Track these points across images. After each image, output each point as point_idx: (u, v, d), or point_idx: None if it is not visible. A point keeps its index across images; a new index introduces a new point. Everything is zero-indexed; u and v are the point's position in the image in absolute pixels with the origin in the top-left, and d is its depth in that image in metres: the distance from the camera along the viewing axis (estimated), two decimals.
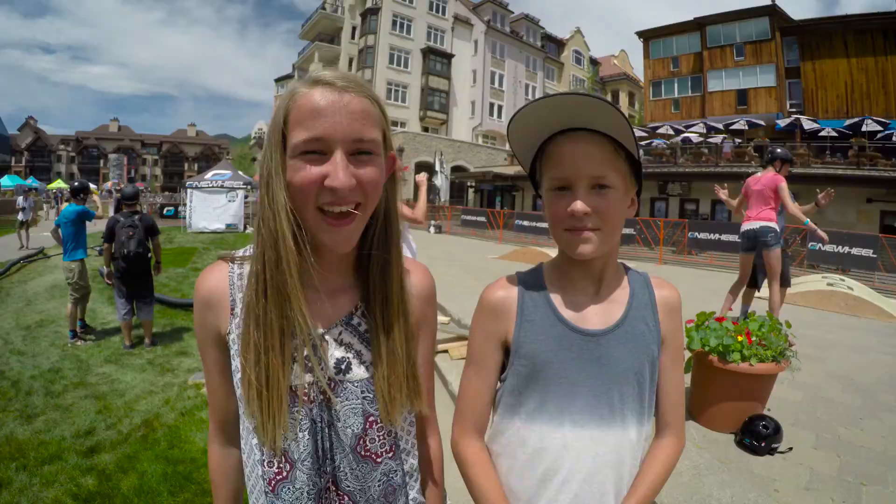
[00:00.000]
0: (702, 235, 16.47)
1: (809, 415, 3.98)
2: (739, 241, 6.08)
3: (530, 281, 1.10)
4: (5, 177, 41.99)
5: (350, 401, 0.90)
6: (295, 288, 0.83)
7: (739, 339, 3.50)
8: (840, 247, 13.46)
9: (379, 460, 0.92)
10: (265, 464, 0.88)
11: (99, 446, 3.78)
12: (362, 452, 0.90)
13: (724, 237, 15.76)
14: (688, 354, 3.72)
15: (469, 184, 39.85)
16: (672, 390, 1.10)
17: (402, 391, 0.91)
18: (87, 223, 6.61)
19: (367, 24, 42.98)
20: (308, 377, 0.87)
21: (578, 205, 0.94)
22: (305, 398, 0.87)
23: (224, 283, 0.93)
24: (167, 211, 27.63)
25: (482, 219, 25.00)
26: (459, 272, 11.29)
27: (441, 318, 5.87)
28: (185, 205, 22.35)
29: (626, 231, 18.00)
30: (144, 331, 6.39)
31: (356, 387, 0.90)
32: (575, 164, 0.96)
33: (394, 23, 42.67)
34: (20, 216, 15.99)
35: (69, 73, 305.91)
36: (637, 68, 53.95)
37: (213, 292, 0.93)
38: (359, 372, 0.91)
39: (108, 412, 4.36)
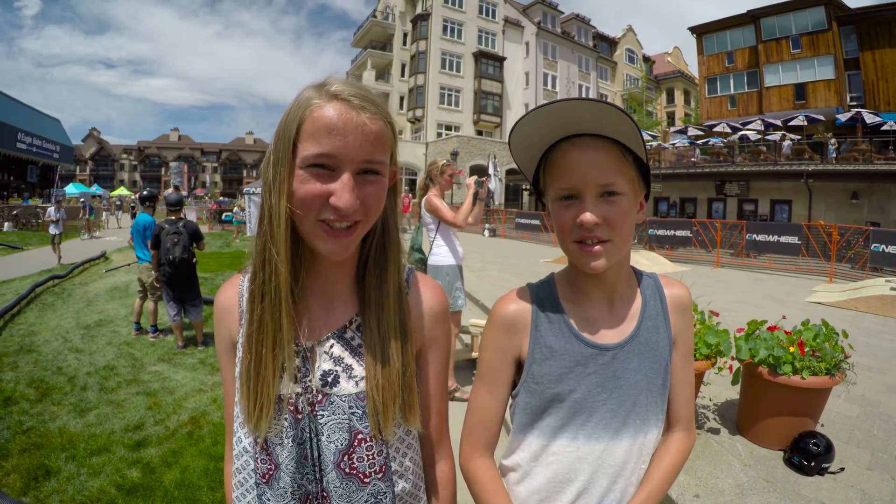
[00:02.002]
0: (760, 237, 15.74)
1: (865, 432, 3.76)
2: None
3: (543, 294, 1.08)
4: (70, 185, 44.25)
5: (336, 415, 0.88)
6: (285, 297, 0.85)
7: (791, 349, 3.33)
8: None
9: (367, 480, 0.90)
10: (257, 460, 0.90)
11: (146, 441, 3.92)
12: (346, 470, 0.88)
13: (784, 239, 15.04)
14: (737, 365, 3.58)
15: (524, 187, 39.61)
16: (684, 387, 1.09)
17: (396, 402, 0.89)
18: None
19: (418, 29, 43.30)
20: (295, 387, 0.88)
21: (588, 216, 0.91)
22: (291, 408, 0.88)
23: (235, 294, 0.97)
24: (225, 216, 28.56)
25: (536, 222, 24.71)
26: (511, 276, 11.21)
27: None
28: (243, 210, 23.32)
29: (682, 233, 17.51)
30: (196, 331, 6.65)
31: (343, 401, 0.89)
32: (582, 171, 0.93)
33: (444, 28, 42.81)
34: (52, 229, 13.57)
35: (130, 86, 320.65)
36: (692, 65, 52.53)
37: (226, 304, 0.98)
38: (347, 386, 0.89)
39: (158, 408, 4.52)
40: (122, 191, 44.35)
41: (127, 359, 5.87)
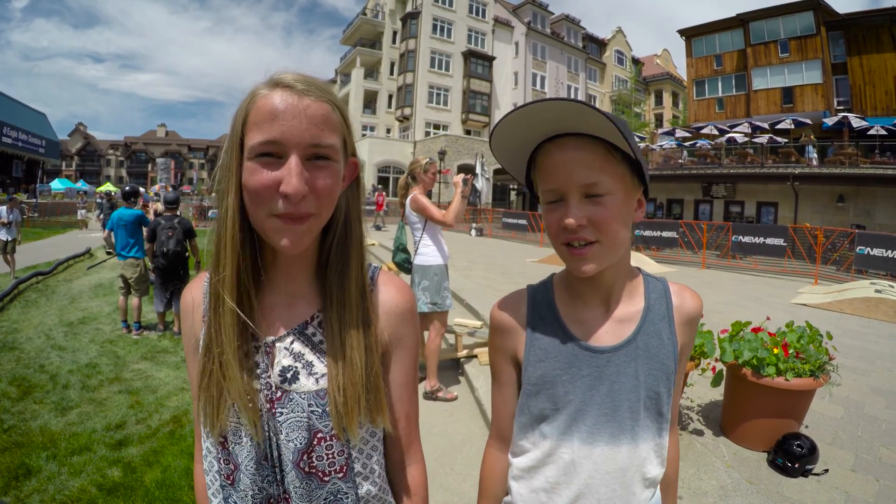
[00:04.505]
0: (746, 239, 15.87)
1: (849, 433, 3.79)
2: None
3: (539, 296, 1.07)
4: (56, 180, 43.78)
5: (295, 413, 0.86)
6: (231, 298, 0.83)
7: (776, 351, 3.35)
8: (889, 251, 12.75)
9: (326, 479, 0.87)
10: (220, 461, 0.88)
11: (127, 440, 3.88)
12: (306, 469, 0.86)
13: (770, 241, 15.17)
14: (720, 367, 3.59)
15: (511, 186, 39.71)
16: (676, 394, 1.07)
17: (360, 403, 0.86)
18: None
19: (408, 28, 43.31)
20: (254, 383, 0.86)
21: (570, 220, 0.88)
22: (250, 404, 0.85)
23: (199, 292, 0.96)
24: (212, 213, 28.29)
25: (523, 222, 24.78)
26: (497, 276, 11.21)
27: (474, 323, 5.81)
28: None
29: (668, 234, 17.60)
30: (175, 321, 6.93)
31: (303, 399, 0.86)
32: (564, 173, 0.90)
33: (434, 27, 42.83)
34: (3, 234, 11.26)
35: (118, 80, 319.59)
36: (680, 67, 52.93)
37: (191, 302, 0.96)
38: (306, 383, 0.87)
39: (140, 407, 4.47)
40: (108, 186, 43.81)
41: (110, 357, 5.81)
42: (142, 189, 9.89)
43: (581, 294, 1.02)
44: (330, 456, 0.87)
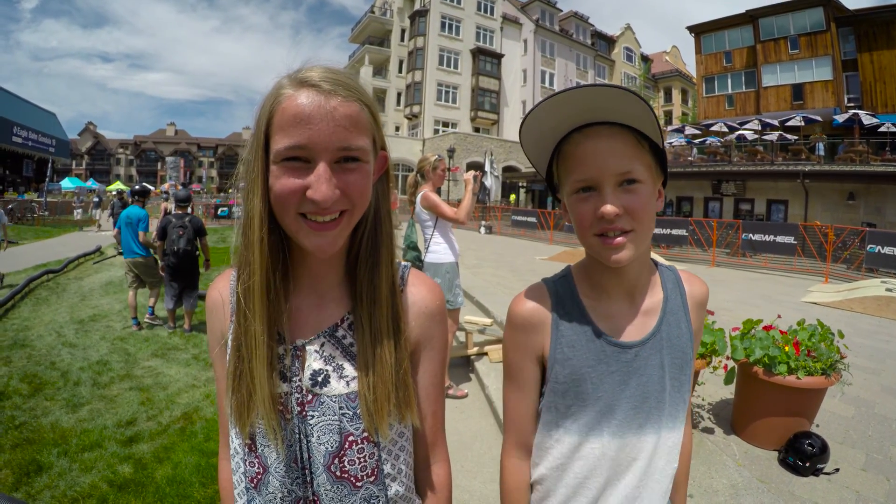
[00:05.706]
0: (756, 237, 15.72)
1: (860, 433, 3.76)
2: None
3: (562, 290, 1.04)
4: (66, 179, 44.07)
5: (326, 416, 0.85)
6: (260, 299, 0.82)
7: (787, 349, 3.32)
8: None
9: (359, 484, 0.87)
10: (246, 462, 0.88)
11: (138, 436, 3.90)
12: (337, 473, 0.85)
13: (780, 239, 15.03)
14: (731, 365, 3.57)
15: (520, 184, 39.65)
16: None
17: (391, 400, 0.85)
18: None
19: (416, 26, 43.29)
20: (284, 386, 0.86)
21: (608, 207, 0.87)
22: (280, 408, 0.85)
23: (226, 289, 0.94)
24: (221, 211, 28.37)
25: (532, 219, 24.74)
26: (507, 273, 11.19)
27: (484, 320, 5.82)
28: (239, 205, 23.19)
29: (678, 232, 17.51)
30: (186, 318, 6.95)
31: (334, 402, 0.86)
32: (598, 161, 0.88)
33: (442, 24, 42.78)
34: None
35: (127, 80, 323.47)
36: (689, 64, 52.66)
37: (217, 299, 0.95)
38: (337, 387, 0.86)
39: (151, 404, 4.50)
40: (118, 185, 44.13)
41: (120, 354, 5.85)
42: (151, 188, 9.88)
43: (605, 288, 1.01)
44: (361, 459, 0.87)
